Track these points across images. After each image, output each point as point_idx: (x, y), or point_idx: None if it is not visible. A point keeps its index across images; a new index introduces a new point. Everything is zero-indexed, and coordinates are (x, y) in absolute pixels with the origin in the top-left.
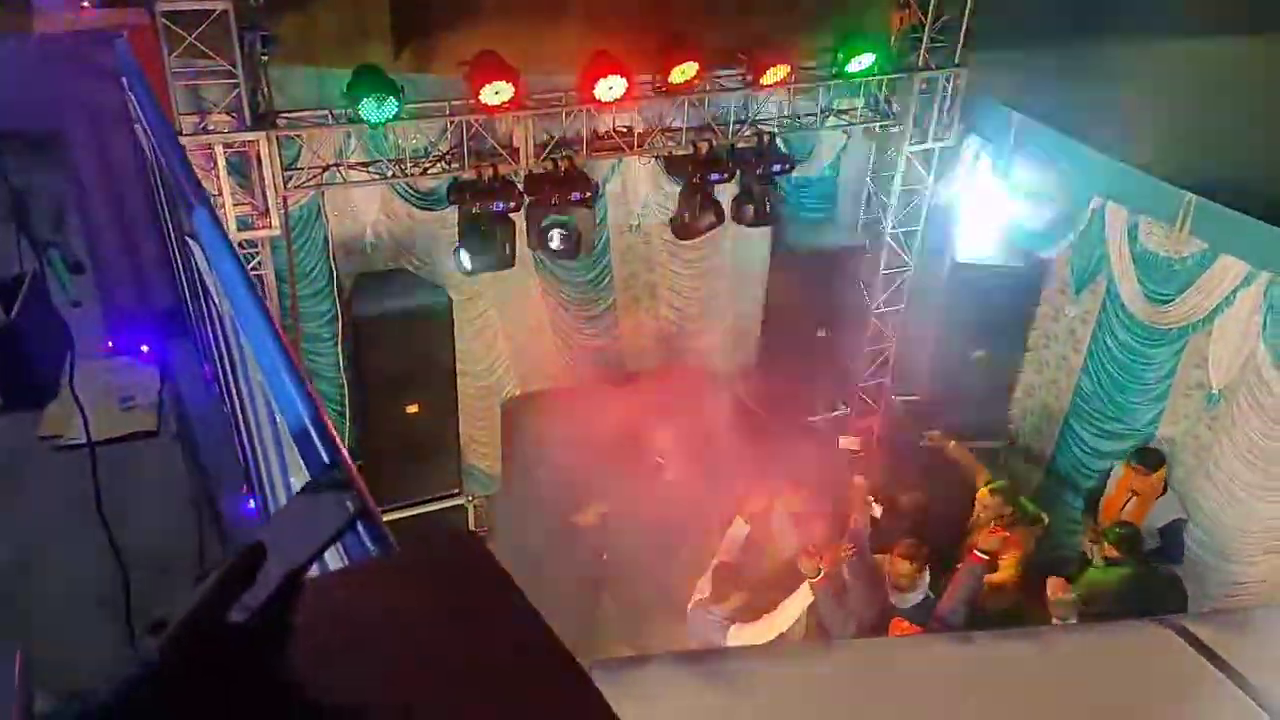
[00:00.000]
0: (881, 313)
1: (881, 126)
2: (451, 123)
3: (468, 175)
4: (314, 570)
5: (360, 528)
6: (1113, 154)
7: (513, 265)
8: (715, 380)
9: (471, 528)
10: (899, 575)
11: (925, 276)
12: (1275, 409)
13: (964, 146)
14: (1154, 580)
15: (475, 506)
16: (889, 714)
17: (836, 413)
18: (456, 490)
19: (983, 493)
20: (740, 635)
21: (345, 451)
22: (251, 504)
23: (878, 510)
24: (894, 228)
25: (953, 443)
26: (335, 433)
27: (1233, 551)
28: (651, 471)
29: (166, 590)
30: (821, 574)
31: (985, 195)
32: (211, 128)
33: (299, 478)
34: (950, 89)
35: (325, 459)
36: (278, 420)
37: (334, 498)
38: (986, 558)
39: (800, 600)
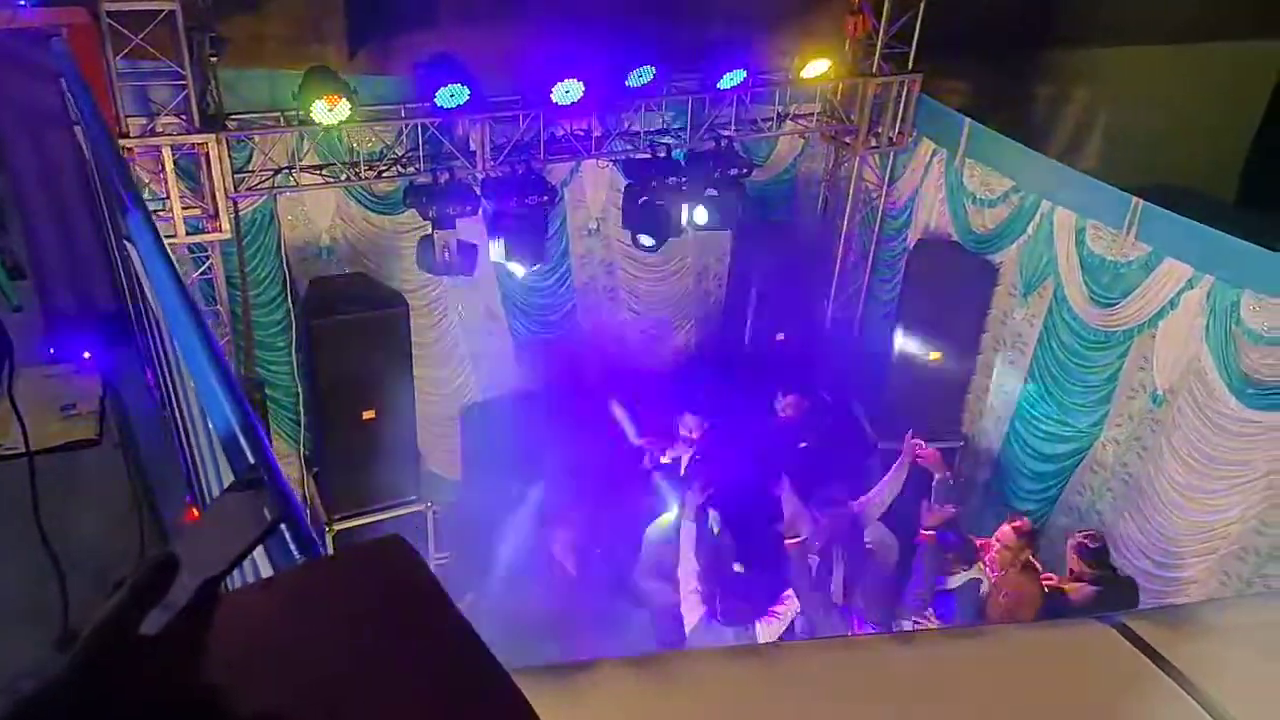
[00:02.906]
0: (839, 315)
1: (837, 131)
2: (407, 126)
3: (424, 179)
4: (239, 578)
5: (287, 535)
6: (1062, 159)
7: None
8: (675, 383)
9: (430, 535)
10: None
11: (880, 279)
12: (1215, 411)
13: (917, 151)
14: (1116, 589)
15: (435, 513)
16: (833, 713)
17: None
18: (415, 497)
19: (1007, 530)
20: (769, 629)
21: (273, 457)
22: (196, 513)
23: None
24: (849, 231)
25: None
26: (265, 440)
27: (1168, 554)
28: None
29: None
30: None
31: (937, 199)
32: (159, 130)
33: None
34: (904, 95)
35: (250, 464)
36: (210, 427)
37: (253, 504)
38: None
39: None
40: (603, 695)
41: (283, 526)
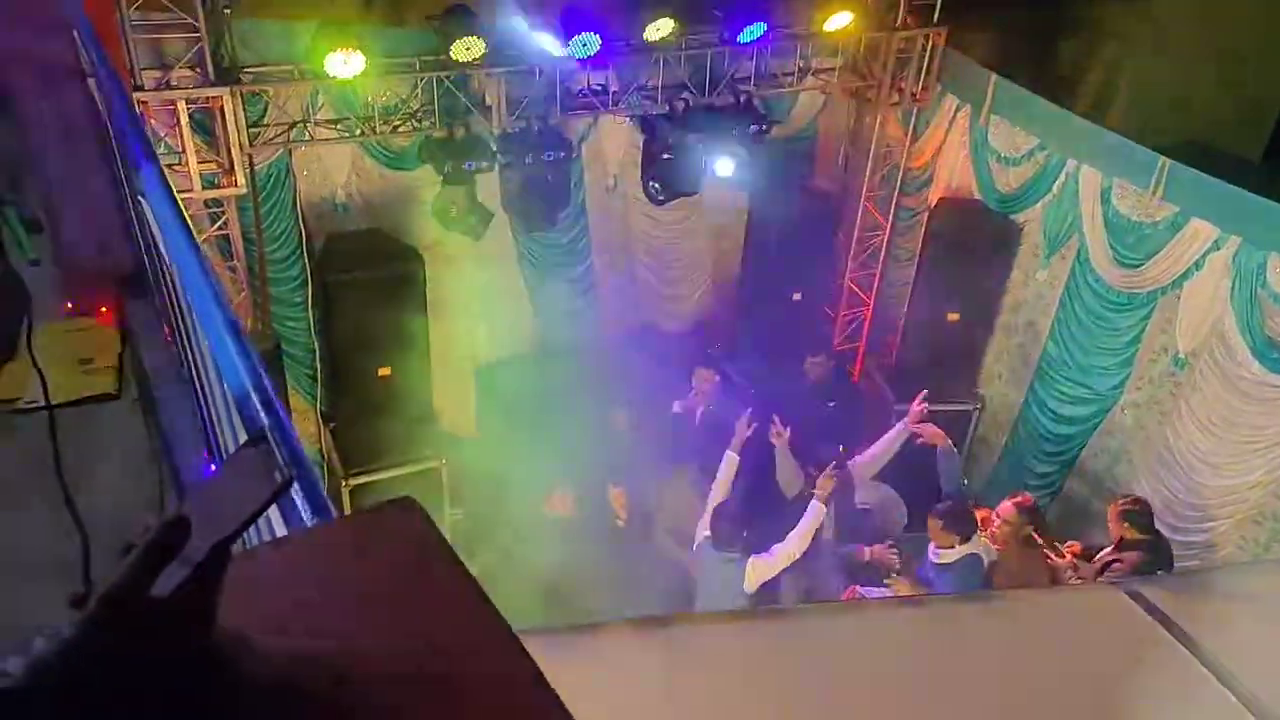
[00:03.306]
0: (857, 275)
1: (859, 87)
2: (422, 79)
3: (439, 134)
4: (254, 536)
5: (299, 495)
6: (1088, 117)
7: None
8: (691, 342)
9: (445, 494)
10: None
11: (900, 239)
12: (1236, 374)
13: (941, 107)
14: (1161, 554)
15: (449, 471)
16: (839, 678)
17: None
18: (430, 453)
19: (1008, 505)
20: (757, 567)
21: (285, 416)
22: (213, 468)
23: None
24: (870, 189)
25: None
26: (277, 399)
27: (1185, 519)
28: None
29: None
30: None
31: (960, 157)
32: (174, 83)
33: None
34: (928, 49)
35: (262, 424)
36: (224, 385)
37: (264, 466)
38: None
39: (810, 525)
40: (611, 657)
41: (295, 487)
